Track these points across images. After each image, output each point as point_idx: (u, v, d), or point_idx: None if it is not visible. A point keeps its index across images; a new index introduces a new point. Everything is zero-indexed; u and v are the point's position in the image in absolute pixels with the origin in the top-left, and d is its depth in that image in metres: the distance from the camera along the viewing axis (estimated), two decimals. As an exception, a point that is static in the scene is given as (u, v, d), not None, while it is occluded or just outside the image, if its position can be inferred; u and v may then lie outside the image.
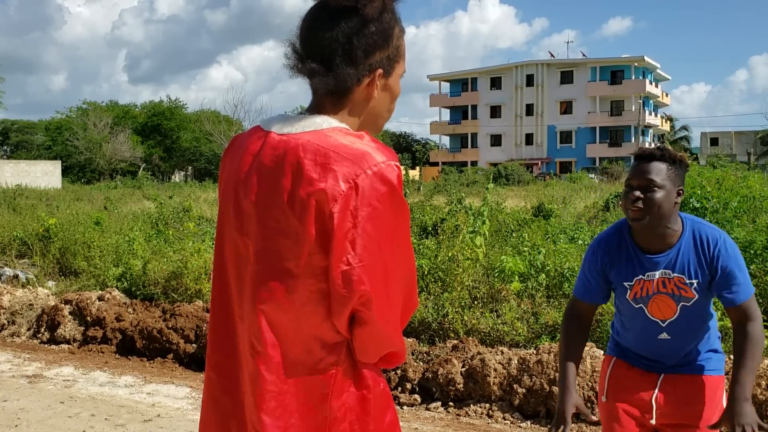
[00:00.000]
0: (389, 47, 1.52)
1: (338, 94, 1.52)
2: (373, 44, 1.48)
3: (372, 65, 1.50)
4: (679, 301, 2.39)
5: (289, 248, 1.45)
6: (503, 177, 42.21)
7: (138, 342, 6.79)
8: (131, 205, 19.99)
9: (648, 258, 2.41)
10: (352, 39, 1.46)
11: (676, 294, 2.38)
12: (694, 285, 2.37)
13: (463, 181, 36.04)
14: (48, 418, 5.05)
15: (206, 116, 57.80)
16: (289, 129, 1.50)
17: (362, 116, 1.56)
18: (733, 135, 64.68)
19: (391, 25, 1.51)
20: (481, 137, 69.69)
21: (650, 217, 2.32)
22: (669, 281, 2.38)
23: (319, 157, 1.42)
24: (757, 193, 8.05)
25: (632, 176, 2.38)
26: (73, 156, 59.05)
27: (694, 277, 2.37)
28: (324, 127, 1.48)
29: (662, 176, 2.33)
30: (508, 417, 4.95)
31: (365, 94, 1.53)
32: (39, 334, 7.51)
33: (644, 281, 2.41)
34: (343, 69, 1.47)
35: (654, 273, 2.40)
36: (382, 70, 1.52)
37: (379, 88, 1.53)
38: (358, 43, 1.47)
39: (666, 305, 2.40)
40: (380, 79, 1.52)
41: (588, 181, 34.01)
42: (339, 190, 1.40)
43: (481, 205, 7.68)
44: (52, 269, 9.82)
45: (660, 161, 2.35)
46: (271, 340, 1.49)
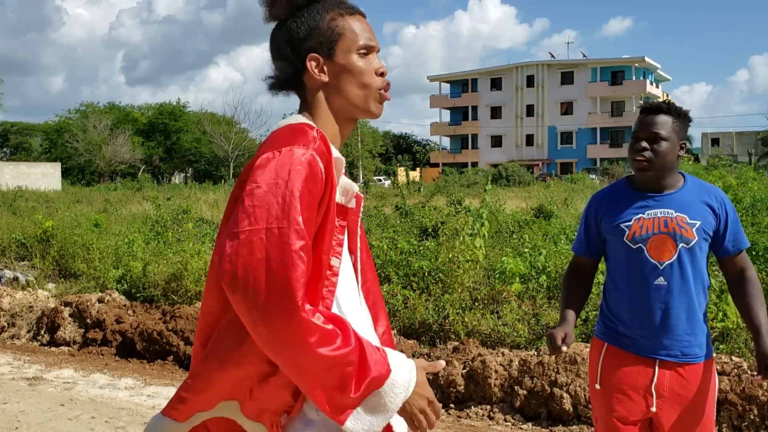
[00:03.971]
0: (318, 33, 1.63)
1: (293, 88, 1.68)
2: (296, 36, 1.63)
3: (303, 54, 1.63)
4: (679, 241, 2.41)
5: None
6: (504, 178, 42.18)
7: (138, 344, 6.78)
8: (131, 206, 19.98)
9: (650, 196, 2.48)
10: (275, 38, 1.67)
11: (678, 233, 2.41)
12: (696, 226, 2.41)
13: (464, 182, 36.00)
14: (48, 420, 5.04)
15: (206, 117, 57.83)
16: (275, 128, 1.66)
17: (333, 104, 1.65)
18: (734, 135, 64.64)
19: (314, 15, 1.63)
20: (482, 138, 69.66)
21: (655, 167, 2.42)
22: (671, 220, 2.42)
23: (264, 146, 1.55)
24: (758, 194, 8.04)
25: (639, 128, 2.47)
26: (73, 158, 59.07)
27: (697, 219, 2.42)
28: (286, 122, 1.63)
29: (668, 129, 2.42)
30: (509, 419, 4.94)
31: (316, 81, 1.64)
32: (39, 336, 7.49)
33: (644, 219, 2.45)
34: (276, 64, 1.68)
35: (655, 211, 2.45)
36: (317, 54, 1.62)
37: (328, 72, 1.63)
38: (280, 38, 1.65)
39: (665, 246, 2.41)
40: (324, 63, 1.63)
41: (589, 181, 34.00)
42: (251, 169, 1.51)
43: (480, 207, 7.67)
44: (52, 271, 9.81)
45: (666, 114, 2.45)
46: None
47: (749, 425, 4.25)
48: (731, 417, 4.33)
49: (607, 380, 2.51)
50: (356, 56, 1.64)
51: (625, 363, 2.48)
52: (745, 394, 4.30)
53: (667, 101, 2.52)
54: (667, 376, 2.43)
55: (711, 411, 2.49)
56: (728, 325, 5.08)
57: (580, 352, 4.90)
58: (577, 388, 4.75)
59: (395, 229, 8.82)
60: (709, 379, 2.47)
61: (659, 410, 2.44)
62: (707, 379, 2.47)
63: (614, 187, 2.62)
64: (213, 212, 16.83)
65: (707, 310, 2.54)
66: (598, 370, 2.54)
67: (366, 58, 1.65)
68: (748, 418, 4.26)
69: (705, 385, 2.46)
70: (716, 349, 5.01)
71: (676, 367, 2.43)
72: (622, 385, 2.47)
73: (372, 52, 1.67)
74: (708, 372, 2.48)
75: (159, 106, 70.50)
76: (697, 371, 2.45)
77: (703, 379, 2.45)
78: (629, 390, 2.46)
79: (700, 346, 2.45)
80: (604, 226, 2.54)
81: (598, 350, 2.58)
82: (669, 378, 2.43)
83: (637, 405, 2.45)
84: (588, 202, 2.65)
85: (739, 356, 4.75)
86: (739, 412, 4.30)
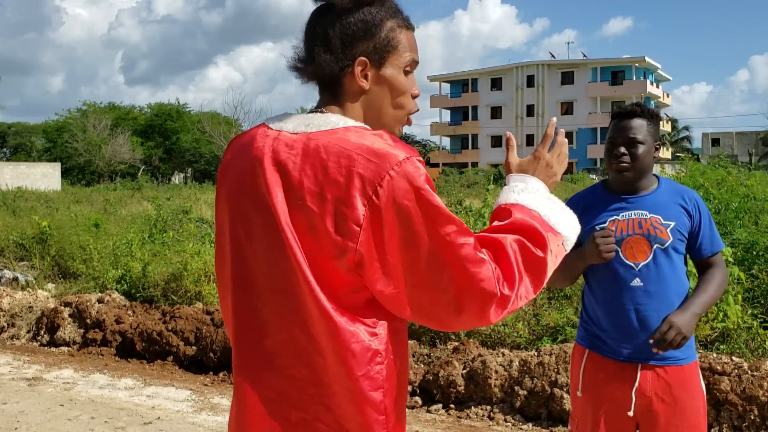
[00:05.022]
0: (374, 38, 1.53)
1: (327, 84, 1.54)
2: (351, 34, 1.51)
3: (354, 54, 1.52)
4: (654, 242, 2.42)
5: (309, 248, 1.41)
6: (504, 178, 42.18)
7: (138, 344, 6.77)
8: (131, 206, 19.98)
9: (624, 198, 2.51)
10: (327, 29, 1.51)
11: (652, 234, 2.43)
12: (670, 227, 2.43)
13: (464, 182, 36.03)
14: (47, 420, 5.03)
15: (206, 117, 57.83)
16: (303, 128, 1.48)
17: (365, 112, 1.56)
18: (734, 135, 64.64)
19: (375, 17, 1.53)
20: (482, 138, 69.66)
21: (634, 170, 2.46)
22: (645, 221, 2.45)
23: (343, 159, 1.39)
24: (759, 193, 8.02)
25: (615, 133, 2.50)
26: (73, 158, 59.07)
27: (671, 219, 2.45)
28: (340, 126, 1.46)
29: (643, 132, 2.47)
30: (509, 419, 4.93)
31: (356, 86, 1.53)
32: (38, 336, 7.49)
33: (618, 221, 2.47)
34: (320, 57, 1.51)
35: (629, 213, 2.48)
36: (367, 60, 1.52)
37: (370, 79, 1.54)
38: (333, 32, 1.51)
39: (640, 247, 2.43)
40: (369, 70, 1.53)
41: (589, 182, 33.97)
42: (367, 193, 1.36)
43: (482, 207, 7.66)
44: (52, 271, 9.80)
45: (640, 118, 2.48)
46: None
47: (749, 426, 4.24)
48: (731, 417, 4.32)
49: (589, 388, 2.50)
50: (401, 73, 1.58)
51: (606, 368, 2.47)
52: (745, 394, 4.29)
53: (639, 103, 2.54)
54: (649, 380, 2.40)
55: (699, 417, 2.44)
56: (729, 326, 5.07)
57: (581, 353, 4.89)
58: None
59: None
60: (693, 383, 2.45)
61: (641, 415, 2.41)
62: (692, 383, 2.44)
63: (590, 191, 2.65)
64: (213, 213, 16.82)
65: None
66: (580, 377, 2.53)
67: (409, 77, 1.60)
68: (748, 419, 4.25)
69: (690, 389, 2.43)
70: (716, 350, 5.01)
71: (657, 368, 2.41)
72: (605, 390, 2.45)
73: (413, 71, 1.62)
74: (692, 375, 2.45)
75: (158, 106, 70.50)
76: (679, 374, 2.42)
77: (687, 383, 2.42)
78: (612, 396, 2.44)
79: (681, 348, 2.41)
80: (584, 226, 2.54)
81: (579, 356, 2.56)
82: (651, 382, 2.40)
83: (620, 412, 2.42)
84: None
85: (739, 356, 4.74)
86: (740, 413, 4.29)
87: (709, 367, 4.45)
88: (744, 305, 5.36)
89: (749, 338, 5.06)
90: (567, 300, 6.25)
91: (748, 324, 5.09)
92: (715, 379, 4.38)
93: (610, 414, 2.44)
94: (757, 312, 5.30)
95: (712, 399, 4.38)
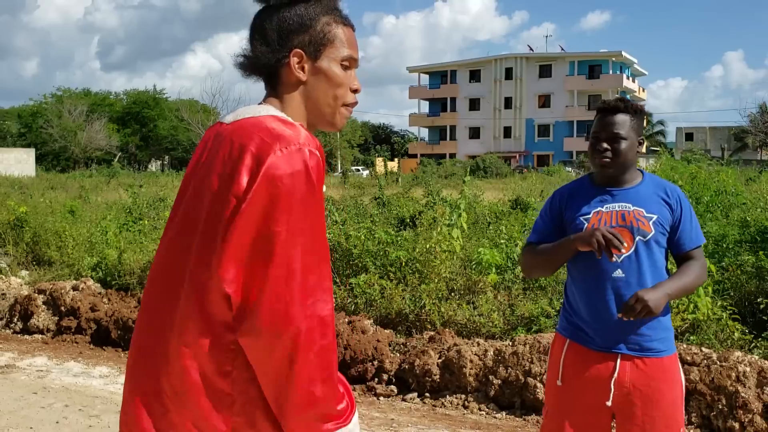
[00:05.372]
0: (309, 31, 1.61)
1: (267, 77, 1.63)
2: (287, 27, 1.60)
3: (290, 47, 1.60)
4: (636, 234, 2.44)
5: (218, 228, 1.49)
6: (481, 170, 42.34)
7: (113, 332, 6.73)
8: (106, 194, 19.77)
9: (608, 190, 2.54)
10: (264, 24, 1.61)
11: (635, 226, 2.45)
12: (653, 219, 2.46)
13: (442, 173, 36.12)
14: (21, 408, 5.00)
15: (184, 105, 57.24)
16: (234, 117, 1.60)
17: (304, 103, 1.64)
18: (707, 130, 65.40)
19: (311, 12, 1.61)
20: (460, 130, 69.81)
21: (616, 165, 2.48)
22: (628, 213, 2.47)
23: (245, 139, 1.51)
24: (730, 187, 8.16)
25: (599, 129, 2.52)
26: (48, 144, 58.19)
27: (654, 212, 2.47)
28: (262, 114, 1.57)
29: (627, 128, 2.49)
30: (484, 408, 4.99)
31: (293, 77, 1.62)
32: (12, 324, 7.41)
33: (602, 213, 2.50)
34: (257, 48, 1.61)
35: (613, 205, 2.51)
36: (302, 52, 1.60)
37: (307, 71, 1.62)
38: (269, 26, 1.60)
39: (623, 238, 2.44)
40: (306, 62, 1.61)
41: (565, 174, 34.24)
42: (251, 167, 1.47)
43: (458, 198, 7.71)
44: (26, 258, 9.69)
45: (624, 113, 2.50)
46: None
47: (717, 415, 4.34)
48: (700, 407, 4.42)
49: (569, 376, 2.52)
50: (339, 66, 1.64)
51: (586, 359, 2.48)
52: (714, 384, 4.38)
53: (623, 98, 2.55)
54: (628, 371, 2.42)
55: (675, 409, 2.46)
56: (699, 317, 5.17)
57: (554, 343, 4.96)
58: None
59: (373, 219, 8.83)
60: (672, 376, 2.47)
61: (618, 406, 2.43)
62: (671, 376, 2.46)
63: (578, 182, 2.67)
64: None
65: (670, 305, 2.54)
66: (560, 367, 2.54)
67: (346, 72, 1.65)
68: (716, 408, 4.35)
69: (669, 382, 2.45)
70: (686, 341, 5.10)
71: (636, 360, 2.43)
72: (585, 381, 2.47)
73: (353, 67, 1.68)
74: (671, 368, 2.47)
75: (136, 94, 69.63)
76: (658, 366, 2.44)
77: (666, 376, 2.45)
78: (591, 387, 2.46)
79: (660, 340, 2.45)
80: (566, 218, 2.59)
81: (560, 346, 2.58)
82: (630, 372, 2.42)
83: (599, 403, 2.44)
84: (551, 196, 2.70)
85: (708, 347, 4.84)
86: (708, 402, 4.39)
87: (679, 357, 4.54)
88: (714, 297, 5.46)
89: (719, 329, 5.17)
90: (542, 291, 6.32)
91: (717, 316, 5.19)
92: (684, 370, 4.47)
93: (587, 403, 2.47)
94: (726, 304, 5.41)
95: (681, 388, 4.48)
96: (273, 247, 1.43)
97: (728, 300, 5.58)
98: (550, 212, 2.65)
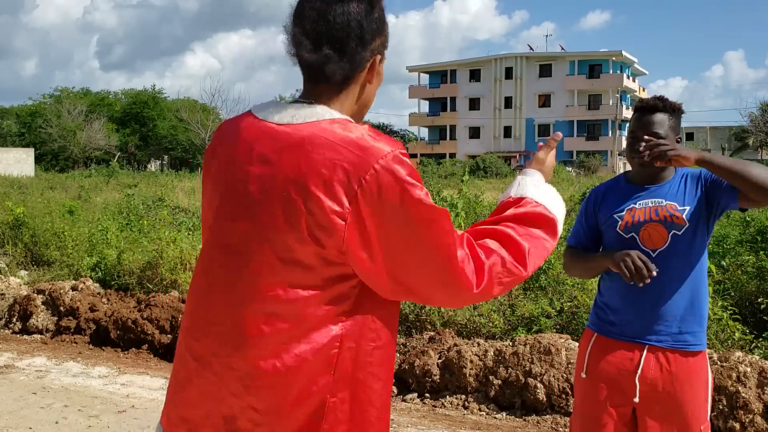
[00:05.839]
0: (384, 33, 1.53)
1: (344, 81, 1.49)
2: (377, 29, 1.49)
3: (373, 50, 1.50)
4: (671, 228, 2.44)
5: (287, 240, 1.40)
6: (481, 169, 42.36)
7: (112, 332, 6.72)
8: (106, 194, 19.76)
9: (641, 188, 2.54)
10: (362, 22, 1.46)
11: (668, 221, 2.44)
12: (686, 212, 2.45)
13: (442, 173, 36.13)
14: (20, 409, 4.98)
15: (183, 105, 57.26)
16: (288, 119, 1.45)
17: (357, 102, 1.54)
18: (708, 130, 65.47)
19: (384, 11, 1.53)
20: (460, 129, 69.81)
21: (655, 165, 2.45)
22: (661, 208, 2.47)
23: (328, 152, 1.38)
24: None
25: (637, 128, 2.51)
26: (47, 143, 58.17)
27: (686, 204, 2.46)
28: (326, 118, 1.44)
29: (665, 128, 2.48)
30: (484, 408, 4.97)
31: (363, 81, 1.53)
32: (11, 324, 7.40)
33: (636, 209, 2.50)
34: (358, 53, 1.47)
35: (646, 201, 2.51)
36: (380, 56, 1.53)
37: (375, 75, 1.54)
38: (368, 26, 1.47)
39: (657, 233, 2.45)
40: (379, 65, 1.54)
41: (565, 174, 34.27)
42: (352, 187, 1.36)
43: (456, 198, 7.70)
44: (24, 258, 9.68)
45: (662, 112, 2.49)
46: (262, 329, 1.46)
47: (718, 415, 4.33)
48: (701, 407, 4.41)
49: (592, 368, 2.52)
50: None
51: (612, 350, 2.49)
52: (715, 384, 4.37)
53: (662, 97, 2.53)
54: (652, 365, 2.41)
55: (699, 408, 2.43)
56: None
57: (554, 343, 4.95)
58: (551, 378, 4.80)
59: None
60: (699, 373, 2.44)
61: (642, 401, 2.42)
62: (698, 373, 2.43)
63: (613, 181, 2.69)
64: (190, 200, 16.69)
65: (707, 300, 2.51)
66: (585, 359, 2.56)
67: None
68: (717, 408, 4.34)
69: (695, 380, 2.42)
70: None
71: (665, 353, 2.41)
72: (608, 371, 2.47)
73: None
74: (699, 365, 2.44)
75: (135, 93, 69.61)
76: (686, 363, 2.42)
77: (692, 373, 2.42)
78: (614, 377, 2.46)
79: (693, 334, 2.43)
80: (600, 218, 2.61)
81: (587, 340, 2.60)
82: (654, 367, 2.41)
83: (621, 394, 2.45)
84: (587, 196, 2.73)
85: (709, 347, 4.83)
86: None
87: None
88: (714, 297, 5.45)
89: (719, 330, 5.15)
90: (542, 291, 6.31)
91: (718, 316, 5.18)
92: (685, 370, 4.46)
93: (611, 395, 2.47)
94: (727, 304, 5.40)
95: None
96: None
97: (729, 300, 5.57)
98: (585, 213, 2.69)
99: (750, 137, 55.78)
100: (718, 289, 5.74)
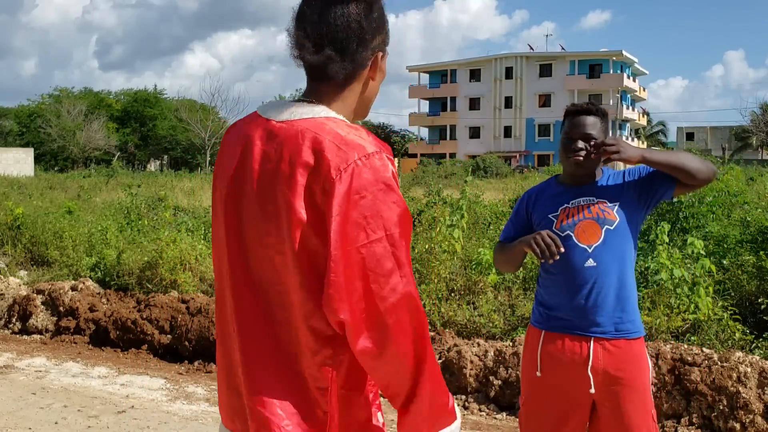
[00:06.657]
0: (384, 30, 1.56)
1: (346, 80, 1.54)
2: (377, 27, 1.53)
3: (374, 48, 1.54)
4: (603, 224, 2.58)
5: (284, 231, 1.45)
6: (481, 169, 42.32)
7: (112, 333, 6.72)
8: (105, 194, 19.75)
9: (572, 188, 2.68)
10: (362, 23, 1.50)
11: (601, 217, 2.59)
12: (615, 208, 2.60)
13: (442, 173, 36.11)
14: (19, 409, 4.98)
15: (183, 104, 57.25)
16: (287, 116, 1.51)
17: (358, 100, 1.58)
18: (708, 130, 65.46)
19: (383, 9, 1.55)
20: (460, 129, 69.76)
21: (589, 164, 2.62)
22: (593, 206, 2.62)
23: (316, 144, 1.43)
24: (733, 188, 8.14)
25: (571, 129, 2.65)
26: (46, 143, 58.14)
27: (615, 200, 2.61)
28: (321, 116, 1.50)
29: (597, 129, 2.63)
30: (484, 408, 4.97)
31: (366, 78, 1.56)
32: (10, 324, 7.39)
33: (569, 209, 2.64)
34: (359, 53, 1.51)
35: (578, 200, 2.64)
36: (381, 53, 1.56)
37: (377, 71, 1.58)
38: (368, 26, 1.51)
39: (592, 230, 2.59)
40: (381, 61, 1.57)
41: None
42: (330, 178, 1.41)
43: (459, 198, 7.69)
44: (24, 258, 9.67)
45: (593, 116, 2.65)
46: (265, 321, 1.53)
47: (718, 416, 4.32)
48: (701, 407, 4.40)
49: (547, 366, 2.61)
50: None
51: (562, 345, 2.59)
52: (715, 384, 4.36)
53: (592, 102, 2.72)
54: (600, 356, 2.53)
55: (646, 393, 2.57)
56: (699, 318, 5.15)
57: (555, 343, 4.94)
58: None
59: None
60: (641, 359, 2.58)
61: (598, 392, 2.53)
62: (640, 358, 2.57)
63: (544, 184, 2.82)
64: (189, 200, 16.69)
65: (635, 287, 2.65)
66: (538, 358, 2.64)
67: None
68: (717, 409, 4.33)
69: (638, 366, 2.56)
70: (687, 341, 5.08)
71: (610, 342, 2.54)
72: (561, 367, 2.57)
73: None
74: (640, 350, 2.59)
75: (135, 93, 69.58)
76: (629, 349, 2.55)
77: (635, 359, 2.55)
78: (568, 372, 2.56)
79: (632, 322, 2.57)
80: (534, 218, 2.73)
81: (536, 338, 2.68)
82: (603, 357, 2.53)
83: (577, 387, 2.55)
84: (520, 198, 2.85)
85: (709, 348, 4.82)
86: (709, 403, 4.37)
87: (680, 357, 4.52)
88: (715, 297, 5.44)
89: (719, 330, 5.15)
90: (542, 291, 6.29)
91: (718, 316, 5.17)
92: (685, 370, 4.46)
93: (567, 391, 2.57)
94: (727, 304, 5.39)
95: (682, 389, 4.46)
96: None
97: (729, 300, 5.57)
98: (516, 215, 2.83)
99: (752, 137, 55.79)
100: (718, 289, 5.73)
